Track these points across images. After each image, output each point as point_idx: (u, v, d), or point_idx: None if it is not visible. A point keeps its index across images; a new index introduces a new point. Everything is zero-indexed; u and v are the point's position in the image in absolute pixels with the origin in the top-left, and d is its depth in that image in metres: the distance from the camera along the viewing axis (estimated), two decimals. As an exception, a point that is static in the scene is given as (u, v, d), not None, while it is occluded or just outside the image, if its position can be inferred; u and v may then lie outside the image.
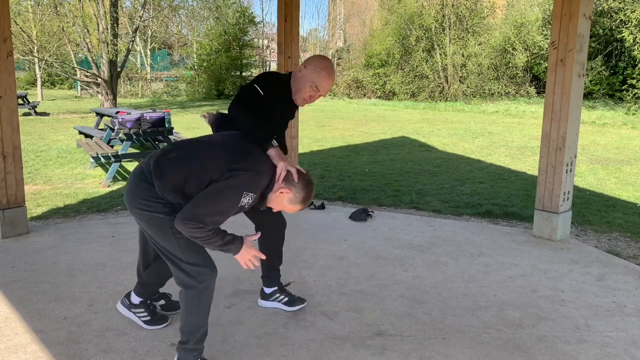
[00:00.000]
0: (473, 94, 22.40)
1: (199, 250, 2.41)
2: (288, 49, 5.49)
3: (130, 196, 2.37)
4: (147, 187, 2.34)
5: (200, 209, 2.21)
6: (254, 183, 2.29)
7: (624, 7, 18.31)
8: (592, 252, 4.37)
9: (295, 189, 2.39)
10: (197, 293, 2.40)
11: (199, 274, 2.39)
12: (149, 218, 2.35)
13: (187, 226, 2.20)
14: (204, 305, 2.44)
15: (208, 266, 2.42)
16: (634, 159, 9.41)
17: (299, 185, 2.39)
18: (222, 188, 2.24)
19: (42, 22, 21.09)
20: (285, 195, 2.39)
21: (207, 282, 2.41)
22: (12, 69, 4.41)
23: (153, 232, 2.38)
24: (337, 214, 5.43)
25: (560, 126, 4.49)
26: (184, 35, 31.17)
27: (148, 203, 2.33)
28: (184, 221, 2.20)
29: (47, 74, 28.82)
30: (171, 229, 2.34)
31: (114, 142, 8.88)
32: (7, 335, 2.88)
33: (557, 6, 4.39)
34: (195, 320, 2.44)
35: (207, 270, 2.41)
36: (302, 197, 2.41)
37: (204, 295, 2.42)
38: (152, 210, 2.33)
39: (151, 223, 2.36)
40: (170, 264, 2.42)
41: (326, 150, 10.06)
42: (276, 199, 2.42)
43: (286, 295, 3.22)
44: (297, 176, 2.40)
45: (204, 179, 2.29)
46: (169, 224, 2.34)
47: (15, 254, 4.13)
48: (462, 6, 23.14)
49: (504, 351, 2.82)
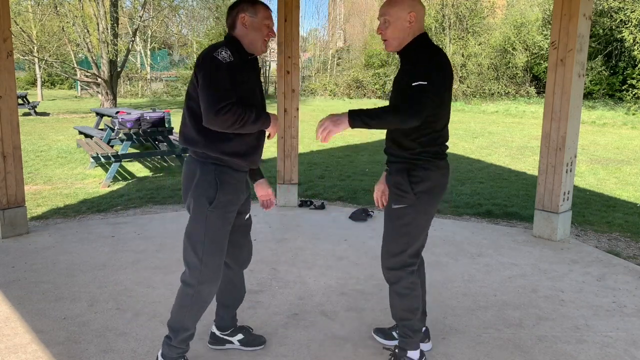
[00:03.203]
0: (473, 94, 22.40)
1: (217, 253, 2.41)
2: (288, 49, 5.49)
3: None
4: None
5: (210, 98, 2.21)
6: (218, 48, 2.30)
7: (624, 7, 18.31)
8: (592, 252, 4.37)
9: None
10: (193, 292, 2.39)
11: (202, 274, 2.38)
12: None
13: (217, 118, 2.20)
14: (196, 309, 2.42)
15: (213, 272, 2.41)
16: (634, 159, 9.41)
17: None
18: (206, 75, 2.24)
19: (42, 22, 21.07)
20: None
21: (205, 285, 2.39)
22: (12, 69, 4.41)
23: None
24: (337, 214, 5.43)
25: (560, 126, 4.49)
26: (184, 35, 31.14)
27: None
28: (209, 118, 2.21)
29: (47, 74, 28.81)
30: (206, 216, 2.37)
31: (114, 142, 8.89)
32: (7, 335, 2.88)
33: (557, 6, 4.39)
34: (184, 319, 2.42)
35: (211, 276, 2.40)
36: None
37: (199, 299, 2.40)
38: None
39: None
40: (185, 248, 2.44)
41: (326, 150, 10.06)
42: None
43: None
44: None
45: (188, 105, 2.35)
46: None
47: (15, 254, 4.13)
48: (462, 6, 23.15)
49: (504, 351, 2.82)
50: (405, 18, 2.39)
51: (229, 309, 2.76)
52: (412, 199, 2.43)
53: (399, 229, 2.46)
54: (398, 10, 2.39)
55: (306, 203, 5.75)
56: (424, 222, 2.49)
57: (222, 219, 2.38)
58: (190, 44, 31.65)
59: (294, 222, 5.12)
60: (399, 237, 2.46)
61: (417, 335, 2.57)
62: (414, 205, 2.43)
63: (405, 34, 2.42)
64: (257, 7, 2.42)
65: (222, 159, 2.35)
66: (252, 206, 5.70)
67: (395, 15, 2.40)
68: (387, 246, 2.51)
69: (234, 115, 2.22)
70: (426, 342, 2.82)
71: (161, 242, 4.44)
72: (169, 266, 3.91)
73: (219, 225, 2.38)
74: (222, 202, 2.36)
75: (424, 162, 2.43)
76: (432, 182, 2.45)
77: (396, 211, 2.47)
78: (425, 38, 2.44)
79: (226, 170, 2.37)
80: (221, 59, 2.24)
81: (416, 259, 2.51)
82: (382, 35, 2.47)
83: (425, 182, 2.43)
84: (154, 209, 5.75)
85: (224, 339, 2.79)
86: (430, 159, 2.44)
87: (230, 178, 2.38)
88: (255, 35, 2.42)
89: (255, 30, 2.41)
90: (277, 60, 5.60)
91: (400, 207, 2.45)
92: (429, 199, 2.45)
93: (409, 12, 2.39)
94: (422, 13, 2.44)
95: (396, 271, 2.49)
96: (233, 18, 2.42)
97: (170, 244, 4.39)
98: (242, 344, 2.80)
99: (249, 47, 2.42)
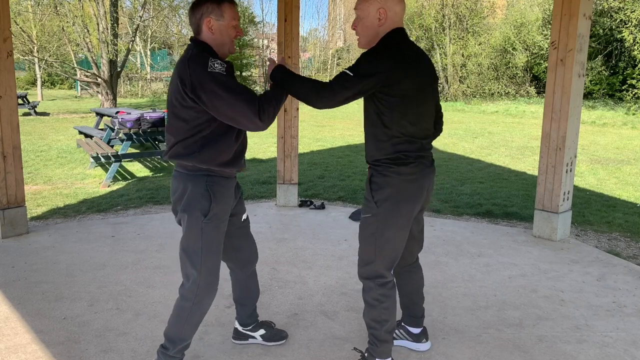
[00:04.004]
0: (473, 94, 22.40)
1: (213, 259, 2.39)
2: (288, 49, 5.49)
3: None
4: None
5: (243, 110, 2.13)
6: (203, 61, 2.19)
7: (624, 7, 18.31)
8: (592, 252, 4.37)
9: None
10: (191, 305, 2.38)
11: (199, 286, 2.36)
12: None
13: (264, 121, 2.16)
14: (195, 320, 2.41)
15: (210, 283, 2.39)
16: (634, 159, 9.41)
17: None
18: (217, 94, 2.13)
19: (42, 22, 21.07)
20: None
21: (203, 296, 2.38)
22: (12, 69, 4.41)
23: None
24: (337, 214, 5.43)
25: (560, 126, 4.49)
26: (184, 35, 31.13)
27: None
28: (257, 126, 2.16)
29: (47, 74, 28.80)
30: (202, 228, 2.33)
31: (114, 142, 8.88)
32: (7, 335, 2.88)
33: (557, 6, 4.39)
34: (182, 331, 2.40)
35: (209, 287, 2.39)
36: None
37: (197, 310, 2.39)
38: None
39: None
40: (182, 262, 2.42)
41: (326, 150, 10.06)
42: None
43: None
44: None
45: (175, 119, 2.25)
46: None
47: (15, 254, 4.13)
48: (462, 6, 23.15)
49: (504, 351, 2.82)
50: (374, 15, 2.33)
51: (246, 307, 2.78)
52: (374, 208, 2.36)
53: (366, 238, 2.40)
54: (368, 5, 2.33)
55: (306, 203, 5.75)
56: (393, 233, 2.36)
57: (217, 229, 2.35)
58: (190, 44, 31.57)
59: (294, 222, 5.12)
60: (367, 246, 2.40)
61: (383, 346, 2.48)
62: (376, 215, 2.35)
63: (374, 31, 2.35)
64: (222, 8, 2.27)
65: (212, 170, 2.30)
66: (251, 206, 5.70)
67: (365, 10, 2.35)
68: (359, 254, 2.47)
69: (269, 106, 2.18)
70: (424, 342, 2.81)
71: (161, 242, 4.44)
72: (169, 266, 3.91)
73: (214, 236, 2.34)
74: (216, 213, 2.32)
75: (383, 169, 2.34)
76: (393, 189, 2.32)
77: (362, 220, 2.43)
78: (395, 34, 2.33)
79: (217, 180, 2.32)
80: (218, 71, 2.14)
81: (388, 271, 2.42)
82: (355, 31, 2.44)
83: (384, 189, 2.33)
84: (154, 209, 5.75)
85: (247, 334, 2.83)
86: (389, 165, 2.33)
87: (222, 188, 2.34)
88: (223, 39, 2.30)
89: (222, 34, 2.29)
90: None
91: (365, 217, 2.40)
92: (392, 208, 2.33)
93: (378, 9, 2.31)
94: (397, 10, 2.33)
95: (366, 280, 2.44)
96: (197, 21, 2.28)
97: (170, 244, 4.39)
98: (265, 339, 2.82)
99: (218, 51, 2.30)
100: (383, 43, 2.32)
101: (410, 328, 2.82)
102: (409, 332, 2.82)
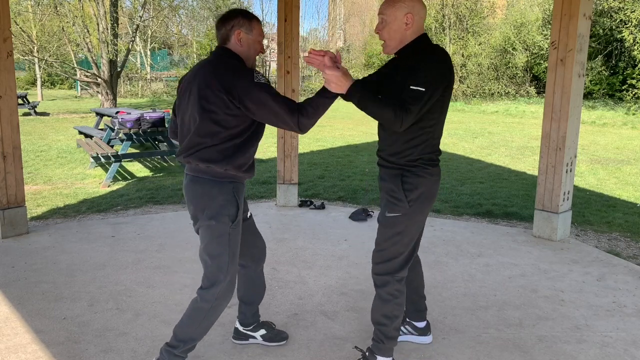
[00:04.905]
0: (473, 94, 22.40)
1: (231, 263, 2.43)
2: (288, 49, 5.49)
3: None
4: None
5: (285, 112, 2.24)
6: (248, 72, 2.30)
7: (624, 7, 18.31)
8: (592, 252, 4.37)
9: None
10: (209, 307, 2.41)
11: (222, 290, 2.41)
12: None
13: (296, 125, 2.25)
14: (209, 322, 2.45)
15: (232, 286, 2.44)
16: (634, 159, 9.41)
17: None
18: (263, 98, 2.25)
19: (42, 22, 21.07)
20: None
21: (223, 299, 2.42)
22: (12, 69, 4.41)
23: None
24: (337, 214, 5.43)
25: (560, 126, 4.49)
26: (184, 35, 31.17)
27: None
28: (302, 127, 2.26)
29: (47, 74, 28.79)
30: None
31: (114, 142, 8.88)
32: (7, 335, 2.88)
33: (557, 6, 4.39)
34: (195, 332, 2.43)
35: (229, 290, 2.43)
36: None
37: (214, 313, 2.43)
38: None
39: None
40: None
41: (326, 150, 10.06)
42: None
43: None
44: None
45: (207, 122, 2.30)
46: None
47: (15, 254, 4.13)
48: (462, 6, 23.15)
49: (504, 351, 2.82)
50: (401, 19, 2.35)
51: (251, 306, 2.80)
52: (405, 208, 2.40)
53: (391, 237, 2.44)
54: (395, 10, 2.36)
55: (306, 203, 5.75)
56: (416, 230, 2.46)
57: (240, 234, 2.46)
58: (190, 44, 31.65)
59: (294, 222, 5.12)
60: (391, 245, 2.44)
61: (390, 343, 2.54)
62: (407, 214, 2.40)
63: (402, 36, 2.38)
64: (253, 24, 2.41)
65: (237, 176, 2.39)
66: (251, 206, 5.70)
67: (392, 15, 2.37)
68: (378, 252, 2.49)
69: (310, 114, 2.27)
70: (429, 335, 2.88)
71: (161, 242, 4.44)
72: (169, 266, 3.91)
73: (238, 240, 2.45)
74: (239, 218, 2.42)
75: (418, 169, 2.40)
76: (425, 189, 2.41)
77: (389, 219, 2.44)
78: (425, 40, 2.40)
79: (239, 186, 2.42)
80: (264, 81, 2.28)
81: (406, 266, 2.49)
82: (380, 35, 2.45)
83: (418, 189, 2.40)
84: (154, 209, 5.75)
85: (247, 334, 2.84)
86: (424, 166, 2.41)
87: (242, 193, 2.45)
88: (249, 53, 2.42)
89: (249, 47, 2.41)
90: (277, 60, 5.60)
91: (394, 216, 2.43)
92: (421, 207, 2.42)
93: (405, 14, 2.34)
94: (422, 14, 2.39)
95: (384, 276, 2.48)
96: (227, 31, 2.39)
97: (170, 244, 4.39)
98: (265, 339, 2.83)
99: (245, 63, 2.43)
100: (430, 51, 2.35)
101: (416, 323, 2.87)
102: (414, 326, 2.88)
